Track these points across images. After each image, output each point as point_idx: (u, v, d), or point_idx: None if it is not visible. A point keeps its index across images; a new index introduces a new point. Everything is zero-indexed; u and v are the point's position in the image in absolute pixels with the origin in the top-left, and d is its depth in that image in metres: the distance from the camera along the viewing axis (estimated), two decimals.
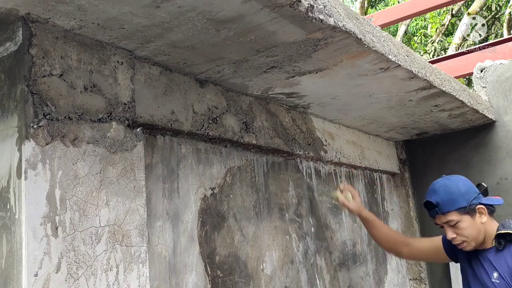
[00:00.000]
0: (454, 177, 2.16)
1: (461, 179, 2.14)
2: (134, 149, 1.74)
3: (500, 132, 3.73)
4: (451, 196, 2.06)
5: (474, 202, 2.04)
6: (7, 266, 1.41)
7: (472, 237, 2.04)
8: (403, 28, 11.64)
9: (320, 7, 1.66)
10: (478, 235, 2.05)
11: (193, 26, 1.65)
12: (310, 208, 2.92)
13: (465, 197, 2.04)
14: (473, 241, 2.05)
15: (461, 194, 2.05)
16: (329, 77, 2.33)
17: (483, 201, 2.07)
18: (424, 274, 3.96)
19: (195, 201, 2.11)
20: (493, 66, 3.85)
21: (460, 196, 2.05)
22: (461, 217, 2.03)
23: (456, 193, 2.06)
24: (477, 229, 2.04)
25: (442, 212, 2.06)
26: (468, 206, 2.03)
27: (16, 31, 1.50)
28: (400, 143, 4.20)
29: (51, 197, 1.45)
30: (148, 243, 1.83)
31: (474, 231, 2.04)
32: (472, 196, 2.05)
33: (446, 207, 2.05)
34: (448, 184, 2.11)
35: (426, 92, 2.75)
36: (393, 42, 2.28)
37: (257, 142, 2.48)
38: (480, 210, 2.05)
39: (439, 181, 2.17)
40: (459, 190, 2.07)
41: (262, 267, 2.42)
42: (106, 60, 1.72)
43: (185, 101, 2.10)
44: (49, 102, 1.50)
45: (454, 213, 2.04)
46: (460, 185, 2.10)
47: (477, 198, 2.06)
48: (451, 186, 2.09)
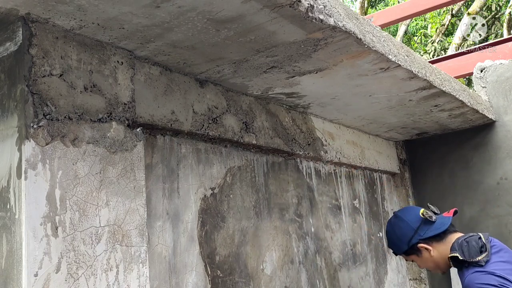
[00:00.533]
0: (391, 221, 2.19)
1: (396, 222, 2.15)
2: (134, 149, 1.74)
3: (500, 132, 3.73)
4: (393, 242, 2.15)
5: (413, 241, 2.05)
6: (7, 266, 1.41)
7: (431, 267, 2.10)
8: (403, 28, 11.65)
9: (320, 7, 1.66)
10: (437, 265, 2.07)
11: (193, 26, 1.65)
12: (310, 208, 2.92)
13: (403, 241, 2.07)
14: (437, 269, 2.10)
15: (399, 239, 2.10)
16: (329, 77, 2.33)
17: (424, 235, 2.04)
18: (424, 274, 3.96)
19: (195, 201, 2.11)
20: (493, 66, 3.85)
21: (399, 241, 2.10)
22: (410, 257, 2.11)
23: (395, 239, 2.13)
24: (430, 261, 2.06)
25: (396, 255, 2.20)
26: (409, 249, 2.07)
27: (16, 31, 1.50)
28: (400, 143, 4.20)
29: (51, 197, 1.45)
30: (148, 243, 1.83)
31: (430, 263, 2.07)
32: (408, 238, 2.06)
33: (396, 252, 2.16)
34: (389, 230, 2.19)
35: (426, 92, 2.75)
36: (393, 42, 2.28)
37: (257, 142, 2.48)
38: (422, 247, 2.04)
39: (386, 225, 2.24)
40: (396, 235, 2.11)
41: (262, 267, 2.42)
42: (106, 60, 1.72)
43: (185, 101, 2.10)
44: (49, 102, 1.50)
45: (403, 255, 2.14)
46: (396, 229, 2.12)
47: (416, 236, 2.05)
48: (390, 232, 2.17)
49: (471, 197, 3.81)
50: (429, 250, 2.03)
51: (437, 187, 4.01)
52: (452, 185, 3.93)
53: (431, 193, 4.05)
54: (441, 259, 2.03)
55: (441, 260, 2.03)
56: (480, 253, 1.87)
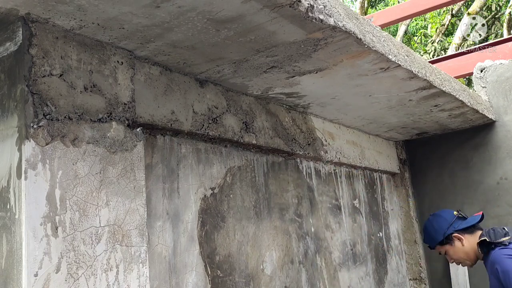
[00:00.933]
0: (430, 218, 2.64)
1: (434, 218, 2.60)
2: (134, 149, 1.74)
3: (500, 132, 3.73)
4: (430, 235, 2.57)
5: (448, 232, 2.46)
6: (7, 266, 1.41)
7: (462, 259, 2.46)
8: (403, 28, 11.65)
9: (320, 7, 1.66)
10: (467, 256, 2.44)
11: (193, 26, 1.65)
12: (310, 208, 2.92)
13: (439, 232, 2.49)
14: (467, 260, 2.47)
15: (435, 231, 2.51)
16: (329, 77, 2.33)
17: (458, 227, 2.47)
18: (424, 274, 3.96)
19: (195, 201, 2.11)
20: (493, 66, 3.85)
21: (435, 233, 2.52)
22: (444, 248, 2.50)
23: (432, 232, 2.54)
24: (463, 251, 2.44)
25: (432, 248, 2.60)
26: (444, 239, 2.48)
27: (16, 31, 1.50)
28: (400, 143, 4.20)
29: (51, 197, 1.45)
30: (148, 243, 1.83)
31: (461, 253, 2.45)
32: (444, 229, 2.48)
33: (431, 244, 2.57)
34: (426, 225, 2.62)
35: (426, 92, 2.75)
36: (393, 42, 2.28)
37: (257, 142, 2.48)
38: (457, 237, 2.45)
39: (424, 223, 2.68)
40: (433, 228, 2.54)
41: (262, 267, 2.42)
42: (106, 60, 1.72)
43: (185, 101, 2.10)
44: (49, 102, 1.50)
45: (438, 247, 2.54)
46: (434, 223, 2.56)
47: (451, 228, 2.47)
48: (428, 226, 2.60)
49: (471, 197, 3.81)
50: (462, 240, 2.42)
51: (437, 187, 4.01)
52: (452, 185, 3.93)
53: (431, 193, 4.05)
54: (471, 250, 2.41)
55: (471, 251, 2.41)
56: (504, 236, 2.29)
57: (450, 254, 2.47)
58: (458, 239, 2.44)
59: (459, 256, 2.45)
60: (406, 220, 4.09)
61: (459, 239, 2.44)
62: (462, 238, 2.43)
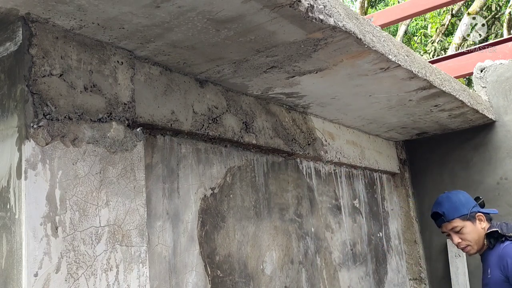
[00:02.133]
0: (455, 191, 2.50)
1: (461, 192, 2.47)
2: (134, 149, 1.74)
3: (500, 132, 3.73)
4: (454, 205, 2.38)
5: (474, 210, 2.36)
6: (7, 266, 1.41)
7: (474, 241, 2.35)
8: (403, 28, 11.64)
9: (320, 7, 1.66)
10: (480, 239, 2.35)
11: (193, 26, 1.65)
12: (310, 208, 2.92)
13: (465, 206, 2.37)
14: (475, 245, 2.36)
15: (462, 204, 2.37)
16: (329, 77, 2.33)
17: (481, 210, 2.39)
18: (424, 274, 3.96)
19: (195, 201, 2.11)
20: (493, 66, 3.85)
21: (461, 205, 2.37)
22: (464, 223, 2.35)
23: (458, 203, 2.38)
24: (478, 233, 2.34)
25: (448, 220, 2.37)
26: (469, 214, 2.35)
27: (16, 31, 1.50)
28: (400, 143, 4.20)
29: (51, 197, 1.45)
30: (148, 243, 1.83)
31: (476, 235, 2.34)
32: (471, 205, 2.37)
33: (451, 215, 2.37)
34: (450, 196, 2.44)
35: (426, 92, 2.75)
36: (393, 42, 2.28)
37: (257, 142, 2.48)
38: (480, 217, 2.36)
39: (442, 195, 2.49)
40: (460, 200, 2.39)
41: (262, 267, 2.42)
42: (106, 60, 1.72)
43: (185, 101, 2.10)
44: (49, 102, 1.50)
45: (458, 220, 2.36)
46: (461, 196, 2.42)
47: (476, 207, 2.38)
48: (453, 197, 2.42)
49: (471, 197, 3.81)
50: (482, 221, 2.36)
51: (437, 187, 4.01)
52: (452, 185, 3.92)
53: (431, 193, 4.04)
54: (482, 237, 2.35)
55: (481, 238, 2.35)
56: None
57: (466, 232, 2.33)
58: (480, 220, 2.35)
59: (473, 237, 2.33)
60: (406, 220, 4.09)
61: (481, 220, 2.35)
62: (483, 220, 2.36)
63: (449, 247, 3.89)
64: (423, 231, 4.08)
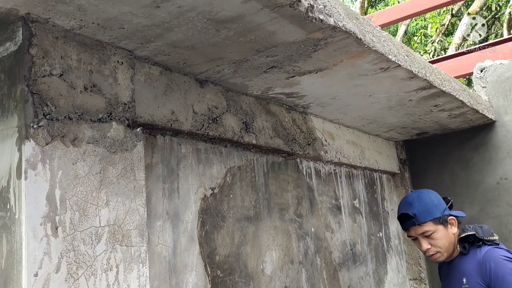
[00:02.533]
0: (425, 191, 2.25)
1: (432, 192, 2.23)
2: (134, 149, 1.74)
3: (500, 132, 3.73)
4: (426, 207, 2.14)
5: (446, 213, 2.14)
6: (7, 266, 1.41)
7: (445, 247, 2.13)
8: (403, 28, 11.65)
9: (320, 7, 1.66)
10: (450, 246, 2.14)
11: (193, 26, 1.65)
12: (310, 208, 2.92)
13: (438, 208, 2.14)
14: (445, 252, 2.14)
15: (435, 205, 2.14)
16: (329, 77, 2.33)
17: (452, 213, 2.17)
18: (424, 274, 3.96)
19: (195, 201, 2.11)
20: (493, 66, 3.85)
21: (434, 207, 2.14)
22: (436, 227, 2.11)
23: (430, 205, 2.14)
24: (449, 239, 2.13)
25: (419, 223, 2.12)
26: (442, 217, 2.12)
27: (16, 31, 1.50)
28: (400, 143, 4.20)
29: (51, 197, 1.45)
30: (148, 243, 1.83)
31: (447, 241, 2.13)
32: (443, 208, 2.15)
33: (423, 218, 2.12)
34: (421, 196, 2.19)
35: (426, 92, 2.75)
36: (393, 42, 2.28)
37: (257, 142, 2.48)
38: (451, 221, 2.15)
39: (411, 194, 2.25)
40: (432, 201, 2.16)
41: (262, 267, 2.42)
42: (106, 60, 1.72)
43: (185, 101, 2.10)
44: (49, 102, 1.50)
45: (430, 224, 2.11)
46: (432, 197, 2.18)
47: (447, 209, 2.16)
48: (424, 198, 2.17)
49: (471, 197, 3.81)
50: (453, 225, 2.14)
51: (437, 187, 4.00)
52: (452, 185, 3.93)
53: None
54: (452, 242, 2.14)
55: (452, 244, 2.14)
56: (492, 235, 2.09)
57: (437, 237, 2.09)
58: (452, 224, 2.13)
59: (443, 243, 2.10)
60: None
61: (452, 225, 2.13)
62: (455, 225, 2.13)
63: None
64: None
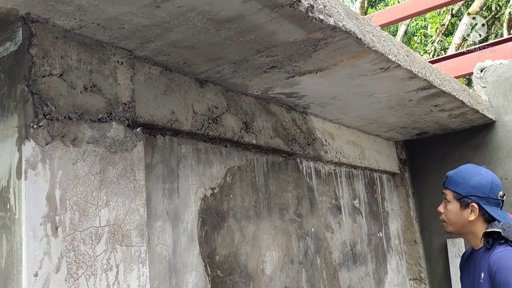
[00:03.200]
0: (483, 170, 2.15)
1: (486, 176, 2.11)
2: (134, 149, 1.74)
3: (500, 132, 3.73)
4: (459, 179, 2.10)
5: (472, 198, 2.05)
6: (7, 266, 1.41)
7: (451, 222, 2.10)
8: (403, 28, 11.64)
9: (320, 7, 1.66)
10: (460, 227, 2.09)
11: (193, 26, 1.65)
12: (310, 208, 2.92)
13: (468, 189, 2.06)
14: (451, 227, 2.12)
15: (467, 185, 2.07)
16: (329, 77, 2.33)
17: (483, 204, 2.05)
18: (424, 274, 3.96)
19: (195, 201, 2.11)
20: (493, 66, 3.85)
21: (465, 184, 2.07)
22: (452, 200, 2.10)
23: (465, 180, 2.09)
24: (460, 220, 2.08)
25: (445, 185, 2.15)
26: (463, 197, 2.06)
27: (16, 31, 1.50)
28: (400, 143, 4.20)
29: (51, 197, 1.45)
30: (148, 243, 1.83)
31: (456, 219, 2.09)
32: (475, 193, 2.05)
33: (450, 184, 2.12)
34: (470, 170, 2.13)
35: (426, 92, 2.75)
36: (393, 42, 2.28)
37: (257, 142, 2.48)
38: (472, 208, 2.05)
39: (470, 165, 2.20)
40: (470, 180, 2.08)
41: (262, 267, 2.42)
42: (106, 60, 1.72)
43: (185, 101, 2.10)
44: (49, 102, 1.50)
45: (450, 192, 2.11)
46: (477, 178, 2.09)
47: (480, 198, 2.04)
48: (469, 173, 2.11)
49: None
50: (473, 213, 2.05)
51: (437, 187, 4.01)
52: None
53: (431, 193, 4.04)
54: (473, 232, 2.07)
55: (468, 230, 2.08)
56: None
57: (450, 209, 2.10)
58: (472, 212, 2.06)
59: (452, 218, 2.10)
60: (406, 220, 4.09)
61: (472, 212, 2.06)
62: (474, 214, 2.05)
63: (449, 247, 3.89)
64: (423, 231, 4.08)
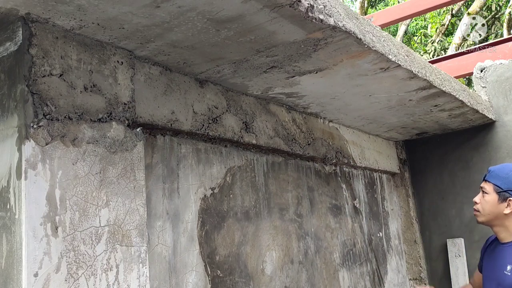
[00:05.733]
0: None
1: None
2: (134, 149, 1.74)
3: (500, 132, 3.73)
4: (503, 174, 2.23)
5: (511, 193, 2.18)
6: (7, 266, 1.41)
7: (485, 212, 2.22)
8: (403, 28, 11.64)
9: (320, 7, 1.66)
10: (493, 218, 2.21)
11: (193, 26, 1.65)
12: (310, 208, 2.92)
13: (509, 184, 2.19)
14: (483, 217, 2.23)
15: (509, 180, 2.20)
16: (329, 77, 2.33)
17: None
18: (424, 274, 3.96)
19: (195, 201, 2.11)
20: (493, 66, 3.85)
21: (507, 180, 2.20)
22: (491, 192, 2.21)
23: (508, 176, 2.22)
24: (495, 211, 2.20)
25: (485, 179, 2.27)
26: (503, 191, 2.19)
27: (16, 31, 1.50)
28: (400, 143, 4.20)
29: (51, 197, 1.45)
30: (148, 243, 1.83)
31: (491, 210, 2.20)
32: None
33: (491, 178, 2.25)
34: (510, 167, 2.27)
35: (426, 92, 2.75)
36: (393, 42, 2.28)
37: (257, 142, 2.48)
38: (509, 202, 2.18)
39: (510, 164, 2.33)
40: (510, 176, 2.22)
41: (262, 267, 2.42)
42: (106, 60, 1.72)
43: (185, 101, 2.10)
44: (49, 102, 1.50)
45: (491, 185, 2.23)
46: None
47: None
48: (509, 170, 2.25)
49: (471, 197, 3.79)
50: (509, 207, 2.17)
51: (437, 187, 4.01)
52: (452, 185, 3.93)
53: (431, 193, 4.04)
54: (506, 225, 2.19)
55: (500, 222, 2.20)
56: None
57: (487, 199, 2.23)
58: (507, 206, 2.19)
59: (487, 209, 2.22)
60: (406, 220, 4.09)
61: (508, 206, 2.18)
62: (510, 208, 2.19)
63: (449, 247, 3.89)
64: (423, 231, 4.08)
